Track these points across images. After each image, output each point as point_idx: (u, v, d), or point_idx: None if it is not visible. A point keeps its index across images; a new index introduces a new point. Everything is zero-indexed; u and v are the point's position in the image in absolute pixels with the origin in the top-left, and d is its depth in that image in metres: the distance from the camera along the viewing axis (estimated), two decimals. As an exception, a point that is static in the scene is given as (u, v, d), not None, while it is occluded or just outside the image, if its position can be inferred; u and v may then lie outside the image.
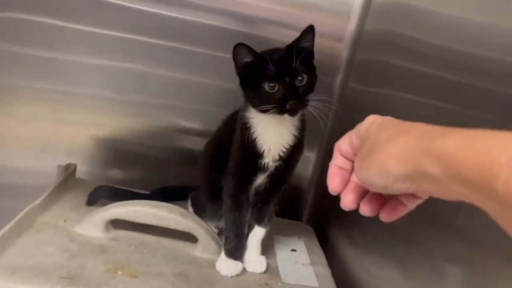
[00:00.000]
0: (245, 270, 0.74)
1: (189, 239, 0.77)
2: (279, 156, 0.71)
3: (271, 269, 0.77)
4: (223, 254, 0.74)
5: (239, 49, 0.67)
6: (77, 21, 0.95)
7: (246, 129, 0.70)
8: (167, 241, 0.78)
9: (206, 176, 0.82)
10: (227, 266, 0.72)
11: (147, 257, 0.72)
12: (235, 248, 0.73)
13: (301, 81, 0.66)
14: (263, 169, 0.72)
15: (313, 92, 0.68)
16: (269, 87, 0.65)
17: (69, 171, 0.91)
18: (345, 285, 0.79)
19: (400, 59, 0.80)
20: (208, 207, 0.82)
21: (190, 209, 0.86)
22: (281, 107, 0.65)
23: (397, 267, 0.68)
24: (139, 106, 1.02)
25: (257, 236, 0.77)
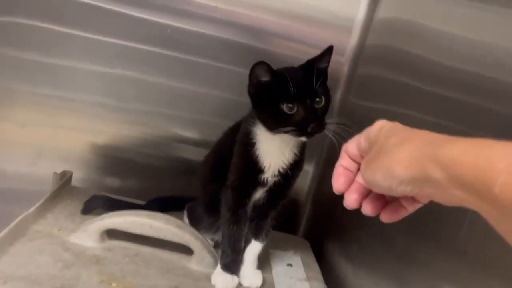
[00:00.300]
0: (240, 284, 0.73)
1: (184, 251, 0.76)
2: (279, 172, 0.70)
3: (266, 284, 0.76)
4: (219, 267, 0.73)
5: (259, 68, 0.63)
6: (78, 27, 0.94)
7: (250, 145, 0.69)
8: (162, 253, 0.76)
9: (204, 187, 0.82)
10: (223, 280, 0.71)
11: (142, 269, 0.71)
12: (232, 262, 0.72)
13: (320, 103, 0.64)
14: (263, 183, 0.71)
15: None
16: (287, 108, 0.62)
17: (65, 178, 0.90)
18: (341, 302, 0.78)
19: (400, 75, 0.81)
20: (204, 219, 0.81)
21: (186, 220, 0.86)
22: (303, 130, 0.62)
23: (394, 285, 0.67)
24: (137, 114, 1.01)
25: (254, 250, 0.76)
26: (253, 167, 0.70)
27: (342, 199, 0.44)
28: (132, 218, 0.72)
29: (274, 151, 0.69)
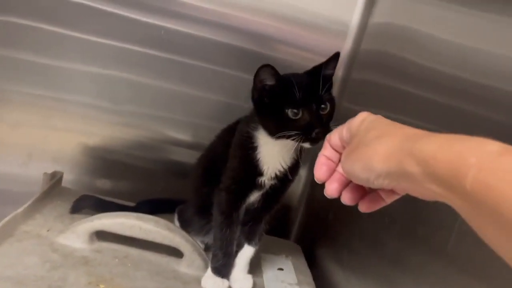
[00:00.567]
0: (230, 288, 0.73)
1: (174, 253, 0.75)
2: (276, 175, 0.70)
3: (257, 288, 0.75)
4: (209, 270, 0.72)
5: (264, 71, 0.62)
6: (72, 28, 0.94)
7: (251, 148, 0.68)
8: (152, 255, 0.76)
9: (196, 190, 0.81)
10: (213, 283, 0.71)
11: (131, 271, 0.70)
12: (223, 265, 0.72)
13: (325, 109, 0.63)
14: (260, 187, 0.70)
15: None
16: (292, 113, 0.61)
17: (55, 179, 0.89)
18: (331, 306, 0.78)
19: (394, 81, 0.81)
20: (195, 222, 0.81)
21: (176, 223, 0.85)
22: (307, 135, 0.61)
23: (385, 291, 0.67)
24: (131, 116, 1.01)
25: (246, 255, 0.75)
26: (252, 170, 0.69)
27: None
28: (121, 219, 0.72)
29: (274, 155, 0.68)
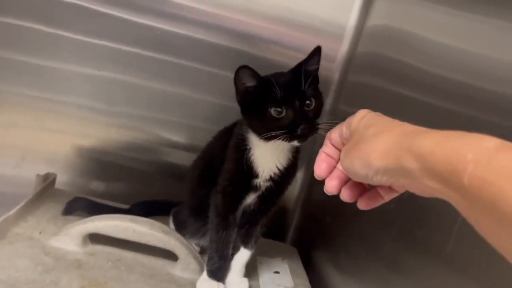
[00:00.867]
0: (226, 292, 0.72)
1: (169, 256, 0.74)
2: (271, 177, 0.69)
3: (253, 291, 0.75)
4: (205, 274, 0.71)
5: (243, 72, 0.61)
6: (67, 29, 0.93)
7: (244, 150, 0.67)
8: (146, 258, 0.75)
9: (193, 191, 0.80)
10: (208, 286, 0.70)
11: (124, 274, 0.69)
12: (218, 269, 0.71)
13: (310, 105, 0.62)
14: (255, 188, 0.70)
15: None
16: (276, 112, 0.60)
17: (48, 180, 0.88)
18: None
19: (390, 83, 0.80)
20: (190, 224, 0.80)
21: (171, 226, 0.84)
22: (292, 133, 0.60)
23: (383, 294, 0.66)
24: (126, 117, 1.00)
25: (242, 258, 0.74)
26: (247, 172, 0.68)
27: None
28: (115, 222, 0.71)
29: (268, 156, 0.68)
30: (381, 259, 0.68)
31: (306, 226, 1.05)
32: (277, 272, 0.83)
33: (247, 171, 0.68)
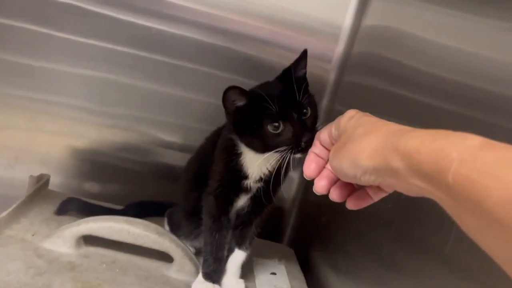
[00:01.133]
0: (222, 293, 0.71)
1: (164, 258, 0.73)
2: (261, 177, 0.68)
3: (249, 293, 0.74)
4: (200, 276, 0.71)
5: (231, 93, 0.59)
6: (60, 29, 0.92)
7: (234, 154, 0.66)
8: (141, 260, 0.74)
9: (186, 193, 0.79)
10: (204, 289, 0.69)
11: (119, 276, 0.68)
12: (214, 271, 0.70)
13: (307, 113, 0.60)
14: (246, 190, 0.69)
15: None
16: (273, 127, 0.58)
17: (42, 182, 0.87)
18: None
19: (386, 84, 0.80)
20: (184, 225, 0.79)
21: (166, 227, 0.83)
22: (297, 148, 0.57)
23: (380, 295, 0.66)
24: (120, 118, 0.99)
25: (237, 260, 0.74)
26: (236, 174, 0.67)
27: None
28: (109, 223, 0.70)
29: (259, 160, 0.65)
30: (378, 260, 0.68)
31: (302, 226, 1.05)
32: (273, 273, 0.83)
33: (237, 173, 0.67)
